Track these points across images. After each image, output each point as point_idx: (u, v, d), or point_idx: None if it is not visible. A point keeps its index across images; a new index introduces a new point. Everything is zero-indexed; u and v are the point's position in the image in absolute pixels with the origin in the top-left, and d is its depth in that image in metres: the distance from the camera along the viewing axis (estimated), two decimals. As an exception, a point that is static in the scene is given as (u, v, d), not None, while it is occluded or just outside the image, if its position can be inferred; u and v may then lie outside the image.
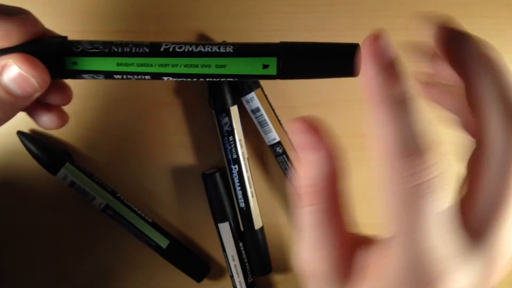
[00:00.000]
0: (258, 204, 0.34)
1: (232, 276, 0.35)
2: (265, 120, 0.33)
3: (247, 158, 0.34)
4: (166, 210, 0.36)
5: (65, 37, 0.21)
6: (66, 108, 0.31)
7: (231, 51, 0.19)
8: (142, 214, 0.34)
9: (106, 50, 0.20)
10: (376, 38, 0.17)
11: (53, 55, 0.20)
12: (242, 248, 0.35)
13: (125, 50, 0.20)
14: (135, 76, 0.20)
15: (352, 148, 0.36)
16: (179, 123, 0.35)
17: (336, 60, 0.19)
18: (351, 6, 0.34)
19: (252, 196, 0.34)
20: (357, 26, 0.34)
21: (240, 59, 0.19)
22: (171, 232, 0.35)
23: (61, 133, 0.34)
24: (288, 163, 0.34)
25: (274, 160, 0.34)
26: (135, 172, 0.35)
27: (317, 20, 0.34)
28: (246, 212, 0.34)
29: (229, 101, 0.32)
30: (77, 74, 0.20)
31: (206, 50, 0.19)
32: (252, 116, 0.33)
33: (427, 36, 0.19)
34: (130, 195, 0.35)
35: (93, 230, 0.35)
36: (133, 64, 0.20)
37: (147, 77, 0.20)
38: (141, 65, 0.19)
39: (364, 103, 0.37)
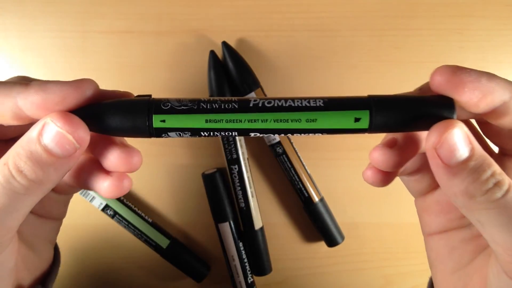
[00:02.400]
0: (258, 204, 0.34)
1: (232, 276, 0.35)
2: (265, 120, 0.33)
3: (247, 158, 0.34)
4: (166, 210, 0.36)
5: (150, 96, 0.20)
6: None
7: (322, 105, 0.19)
8: (142, 214, 0.34)
9: (195, 107, 0.19)
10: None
11: (141, 113, 0.19)
12: (242, 248, 0.35)
13: (214, 106, 0.19)
14: (222, 133, 0.19)
15: (352, 148, 0.36)
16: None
17: (433, 115, 0.18)
18: (351, 6, 0.34)
19: (252, 196, 0.34)
20: (357, 26, 0.34)
21: (331, 113, 0.19)
22: (171, 232, 0.35)
23: (61, 133, 0.34)
24: (288, 163, 0.33)
25: (274, 160, 0.34)
26: (135, 172, 0.35)
27: (317, 20, 0.34)
28: (246, 212, 0.34)
29: (229, 101, 0.32)
30: (163, 132, 0.19)
31: (296, 105, 0.19)
32: (252, 116, 0.33)
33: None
34: (130, 195, 0.35)
35: (93, 230, 0.35)
36: (222, 121, 0.19)
37: (234, 133, 0.19)
38: (230, 121, 0.19)
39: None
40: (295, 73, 0.35)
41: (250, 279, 0.35)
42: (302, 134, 0.19)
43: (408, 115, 0.18)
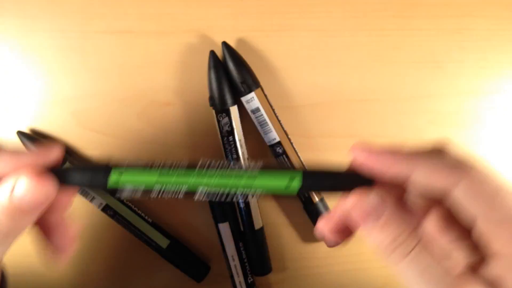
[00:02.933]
0: (258, 204, 0.34)
1: (232, 276, 0.35)
2: (265, 120, 0.33)
3: (247, 158, 0.34)
4: (166, 210, 0.36)
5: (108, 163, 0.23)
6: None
7: (260, 167, 0.22)
8: (142, 214, 0.34)
9: (147, 170, 0.22)
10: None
11: (99, 171, 0.22)
12: (242, 248, 0.35)
13: (164, 169, 0.22)
14: (170, 195, 0.22)
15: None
16: (179, 123, 0.35)
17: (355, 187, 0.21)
18: (351, 6, 0.34)
19: (252, 196, 0.34)
20: (357, 26, 0.34)
21: (267, 177, 0.22)
22: (171, 232, 0.35)
23: (61, 133, 0.34)
24: (288, 163, 0.33)
25: (274, 160, 0.34)
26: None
27: (317, 20, 0.34)
28: (246, 212, 0.34)
29: (229, 101, 0.32)
30: (116, 190, 0.22)
31: (237, 169, 0.22)
32: (252, 116, 0.33)
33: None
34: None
35: (93, 230, 0.35)
36: (170, 183, 0.22)
37: (180, 195, 0.22)
38: (178, 183, 0.22)
39: (364, 103, 0.37)
40: (295, 73, 0.35)
41: (250, 279, 0.35)
42: (240, 196, 0.22)
43: (335, 187, 0.21)
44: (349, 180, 0.21)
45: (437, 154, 0.20)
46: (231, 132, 0.33)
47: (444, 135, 0.36)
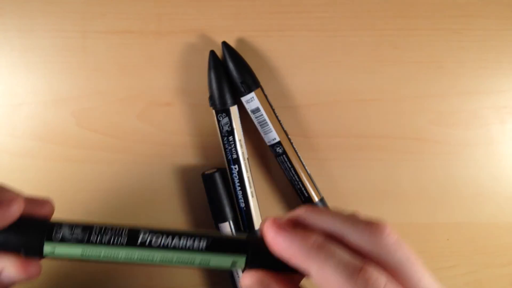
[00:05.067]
0: (258, 204, 0.34)
1: (232, 276, 0.35)
2: (265, 120, 0.33)
3: (247, 158, 0.34)
4: (166, 210, 0.36)
5: (47, 220, 0.22)
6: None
7: (204, 248, 0.22)
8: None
9: (85, 239, 0.21)
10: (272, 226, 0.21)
11: (35, 240, 0.22)
12: (242, 248, 0.35)
13: (103, 239, 0.21)
14: (109, 263, 0.22)
15: (352, 148, 0.36)
16: (179, 123, 0.35)
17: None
18: (351, 6, 0.34)
19: (252, 196, 0.34)
20: (357, 26, 0.34)
21: (214, 256, 0.22)
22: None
23: (61, 133, 0.34)
24: (288, 163, 0.33)
25: (274, 160, 0.34)
26: (135, 172, 0.35)
27: (317, 20, 0.34)
28: (246, 212, 0.34)
29: (229, 101, 0.32)
30: (52, 257, 0.22)
31: (181, 245, 0.22)
32: (252, 116, 0.33)
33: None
34: (130, 195, 0.35)
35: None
36: (111, 256, 0.22)
37: (119, 263, 0.22)
38: (117, 256, 0.22)
39: (364, 103, 0.37)
40: (295, 73, 0.35)
41: (250, 279, 0.35)
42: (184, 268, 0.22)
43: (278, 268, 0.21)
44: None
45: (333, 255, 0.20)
46: (231, 132, 0.33)
47: (444, 135, 0.36)
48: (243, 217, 0.34)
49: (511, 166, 0.36)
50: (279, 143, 0.33)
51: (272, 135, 0.33)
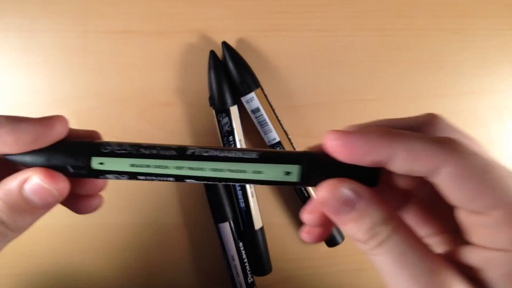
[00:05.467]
0: (258, 204, 0.34)
1: (232, 276, 0.35)
2: (265, 120, 0.33)
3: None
4: (166, 210, 0.36)
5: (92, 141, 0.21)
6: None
7: (257, 158, 0.20)
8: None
9: (134, 152, 0.20)
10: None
11: (81, 155, 0.20)
12: (242, 248, 0.35)
13: (152, 152, 0.20)
14: (160, 178, 0.21)
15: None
16: (179, 123, 0.35)
17: (359, 178, 0.19)
18: (351, 6, 0.34)
19: (252, 196, 0.34)
20: (357, 26, 0.34)
21: (266, 166, 0.20)
22: (171, 232, 0.35)
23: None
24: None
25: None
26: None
27: (317, 20, 0.34)
28: (246, 212, 0.34)
29: (229, 101, 0.32)
30: (101, 174, 0.21)
31: (231, 156, 0.20)
32: (252, 116, 0.33)
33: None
34: (130, 195, 0.35)
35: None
36: (160, 167, 0.20)
37: (171, 179, 0.21)
38: (166, 167, 0.20)
39: (364, 103, 0.37)
40: (295, 73, 0.35)
41: (250, 279, 0.35)
42: (236, 184, 0.21)
43: (340, 173, 0.20)
44: (351, 171, 0.19)
45: (422, 130, 0.19)
46: (231, 132, 0.33)
47: (444, 135, 0.36)
48: (243, 217, 0.34)
49: (511, 166, 0.36)
50: (279, 143, 0.33)
51: (272, 135, 0.33)
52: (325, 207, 0.19)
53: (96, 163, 0.20)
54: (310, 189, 0.34)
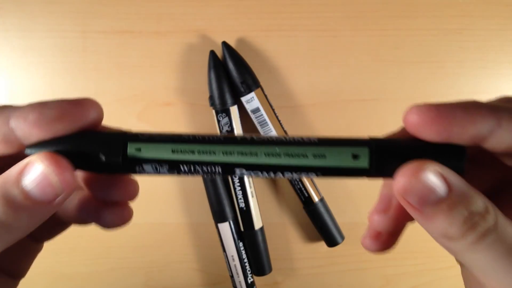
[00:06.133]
0: (258, 204, 0.34)
1: (232, 276, 0.35)
2: (265, 120, 0.33)
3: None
4: (166, 210, 0.36)
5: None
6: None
7: (316, 141, 0.17)
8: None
9: (176, 138, 0.17)
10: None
11: (116, 140, 0.17)
12: (242, 248, 0.35)
13: (196, 137, 0.17)
14: (205, 168, 0.17)
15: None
16: (179, 123, 0.35)
17: (443, 161, 0.16)
18: (351, 6, 0.34)
19: (252, 196, 0.34)
20: (357, 26, 0.34)
21: (329, 149, 0.17)
22: (171, 232, 0.35)
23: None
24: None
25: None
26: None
27: (317, 20, 0.34)
28: (246, 212, 0.34)
29: (229, 101, 0.32)
30: (138, 164, 0.17)
31: (288, 139, 0.17)
32: (252, 116, 0.33)
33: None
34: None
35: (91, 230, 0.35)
36: (208, 152, 0.17)
37: (218, 168, 0.17)
38: (214, 153, 0.17)
39: (364, 103, 0.37)
40: (295, 73, 0.35)
41: (250, 279, 0.35)
42: (294, 174, 0.17)
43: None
44: (435, 153, 0.16)
45: None
46: (231, 132, 0.33)
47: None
48: (243, 217, 0.34)
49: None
50: (279, 143, 0.33)
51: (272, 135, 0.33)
52: (407, 198, 0.15)
53: (133, 148, 0.17)
54: (310, 189, 0.34)
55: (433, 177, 0.15)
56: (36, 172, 0.15)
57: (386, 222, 0.18)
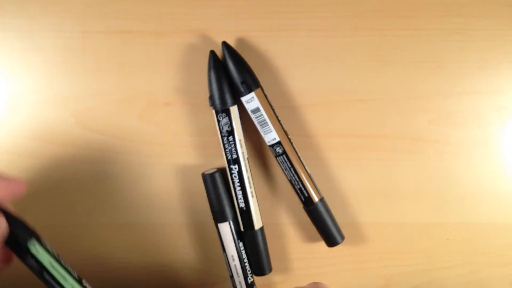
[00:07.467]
0: (258, 204, 0.34)
1: (232, 276, 0.35)
2: (265, 120, 0.33)
3: (247, 158, 0.34)
4: (166, 210, 0.36)
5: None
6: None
7: None
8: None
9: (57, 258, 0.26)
10: None
11: (24, 235, 0.25)
12: (242, 248, 0.35)
13: (68, 269, 0.27)
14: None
15: (352, 148, 0.36)
16: (179, 123, 0.35)
17: None
18: (351, 6, 0.34)
19: (252, 196, 0.34)
20: (357, 26, 0.34)
21: None
22: (171, 231, 0.35)
23: (61, 133, 0.34)
24: (288, 163, 0.33)
25: (274, 160, 0.34)
26: (135, 172, 0.35)
27: (317, 20, 0.34)
28: (246, 212, 0.34)
29: (229, 101, 0.32)
30: (26, 256, 0.25)
31: None
32: (252, 116, 0.33)
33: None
34: (130, 195, 0.35)
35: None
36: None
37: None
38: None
39: (364, 103, 0.37)
40: (295, 73, 0.35)
41: (250, 279, 0.35)
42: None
43: None
44: None
45: None
46: (231, 132, 0.33)
47: (444, 135, 0.36)
48: (243, 217, 0.34)
49: (511, 166, 0.36)
50: (279, 143, 0.33)
51: (272, 135, 0.33)
52: None
53: (32, 245, 0.25)
54: (310, 189, 0.34)
55: None
56: None
57: None
